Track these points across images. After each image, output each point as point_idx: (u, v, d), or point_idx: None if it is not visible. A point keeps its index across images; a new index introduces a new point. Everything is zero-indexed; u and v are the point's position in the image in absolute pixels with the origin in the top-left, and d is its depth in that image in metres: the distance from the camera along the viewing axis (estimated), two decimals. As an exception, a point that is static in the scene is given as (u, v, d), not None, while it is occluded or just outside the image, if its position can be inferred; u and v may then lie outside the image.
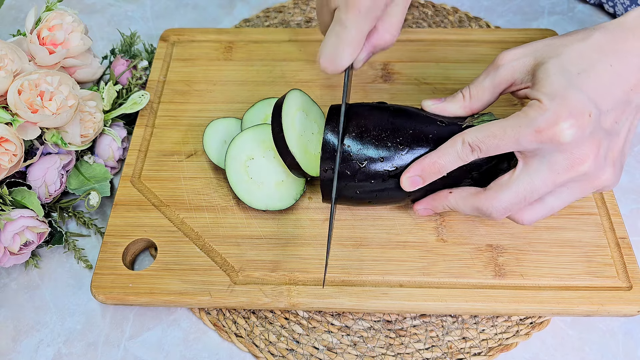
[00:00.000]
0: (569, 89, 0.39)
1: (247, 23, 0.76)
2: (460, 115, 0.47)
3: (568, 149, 0.40)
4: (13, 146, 0.49)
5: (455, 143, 0.43)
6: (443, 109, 0.47)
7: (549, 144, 0.39)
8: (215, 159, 0.55)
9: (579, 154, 0.40)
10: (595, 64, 0.41)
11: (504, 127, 0.41)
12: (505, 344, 0.49)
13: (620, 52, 0.41)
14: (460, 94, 0.47)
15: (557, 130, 0.39)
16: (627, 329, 0.51)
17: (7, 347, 0.50)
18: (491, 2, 0.78)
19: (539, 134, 0.39)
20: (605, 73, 0.40)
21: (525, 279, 0.48)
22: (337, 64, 0.49)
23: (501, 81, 0.44)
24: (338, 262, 0.50)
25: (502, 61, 0.44)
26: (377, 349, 0.49)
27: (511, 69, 0.44)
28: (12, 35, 0.58)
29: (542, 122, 0.39)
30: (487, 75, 0.45)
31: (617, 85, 0.41)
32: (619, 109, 0.41)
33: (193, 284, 0.49)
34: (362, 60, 0.51)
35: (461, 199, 0.45)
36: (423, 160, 0.44)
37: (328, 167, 0.46)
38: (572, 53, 0.41)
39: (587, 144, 0.40)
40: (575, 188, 0.42)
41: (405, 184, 0.45)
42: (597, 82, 0.40)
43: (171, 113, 0.61)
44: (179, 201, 0.54)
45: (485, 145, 0.41)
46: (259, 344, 0.50)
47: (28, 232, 0.51)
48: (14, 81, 0.49)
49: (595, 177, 0.42)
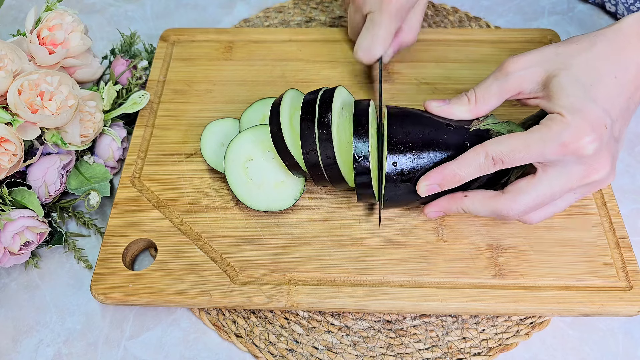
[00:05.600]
0: (586, 102, 0.41)
1: (247, 23, 0.76)
2: (465, 118, 0.47)
3: (588, 161, 0.42)
4: (13, 146, 0.49)
5: (478, 155, 0.43)
6: (449, 111, 0.47)
7: (571, 157, 0.41)
8: (213, 162, 0.55)
9: (597, 165, 0.42)
10: (603, 76, 0.43)
11: (528, 142, 0.42)
12: (506, 344, 0.49)
13: (622, 63, 0.43)
14: (465, 97, 0.47)
15: (581, 145, 0.41)
16: (627, 329, 0.51)
17: (7, 347, 0.50)
18: (491, 2, 0.78)
19: (564, 147, 0.41)
20: (612, 84, 0.43)
21: (526, 279, 0.48)
22: (371, 55, 0.58)
23: (509, 89, 0.45)
24: (338, 262, 0.50)
25: (511, 69, 0.45)
26: (377, 349, 0.49)
27: (520, 78, 0.45)
28: (12, 35, 0.58)
29: (567, 137, 0.41)
30: (496, 80, 0.46)
31: (621, 95, 0.43)
32: (622, 116, 0.44)
33: (193, 284, 0.49)
34: (390, 55, 0.61)
35: (477, 201, 0.46)
36: (444, 170, 0.44)
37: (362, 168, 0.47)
38: (581, 64, 0.43)
39: (603, 153, 0.42)
40: (581, 191, 0.45)
41: (422, 190, 0.45)
42: (606, 93, 0.42)
43: (171, 113, 0.61)
44: (179, 201, 0.54)
45: (509, 159, 0.42)
46: (259, 344, 0.50)
47: (28, 232, 0.51)
48: (14, 81, 0.49)
49: (603, 182, 0.44)
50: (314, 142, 0.48)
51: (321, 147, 0.47)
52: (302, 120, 0.48)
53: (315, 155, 0.48)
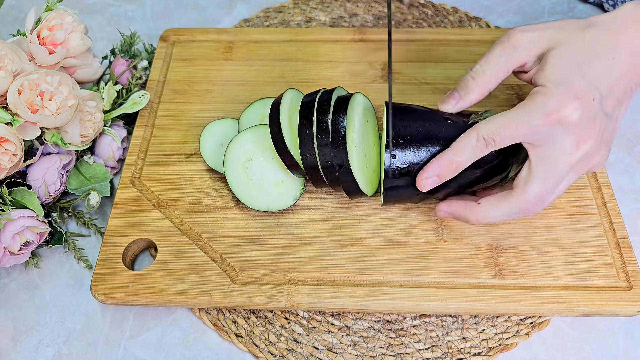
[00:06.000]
0: (573, 76, 0.42)
1: (247, 23, 0.76)
2: (478, 96, 0.46)
3: (575, 131, 0.42)
4: (13, 146, 0.49)
5: (470, 138, 0.43)
6: (464, 104, 0.46)
7: (559, 126, 0.42)
8: (212, 162, 0.55)
9: (584, 135, 0.42)
10: (596, 55, 0.43)
11: (514, 115, 0.42)
12: (505, 344, 0.49)
13: (616, 46, 0.44)
14: (471, 81, 0.46)
15: (565, 113, 0.41)
16: (627, 329, 0.51)
17: (7, 347, 0.50)
18: (491, 2, 0.78)
19: (549, 117, 0.41)
20: (603, 63, 0.43)
21: (525, 279, 0.48)
22: None
23: (517, 62, 0.45)
24: (338, 262, 0.50)
25: (519, 42, 0.45)
26: (377, 349, 0.49)
27: (527, 52, 0.45)
28: (12, 35, 0.58)
29: (550, 106, 0.41)
30: (503, 53, 0.45)
31: (612, 73, 0.44)
32: (614, 96, 0.44)
33: (193, 284, 0.49)
34: None
35: (491, 205, 0.45)
36: (440, 160, 0.44)
37: None
38: (577, 42, 0.44)
39: (591, 124, 0.42)
40: (577, 168, 0.44)
41: (424, 183, 0.45)
42: (596, 70, 0.43)
43: (171, 113, 0.61)
44: (179, 201, 0.54)
45: (499, 137, 0.43)
46: (259, 344, 0.50)
47: (28, 232, 0.51)
48: (14, 81, 0.49)
49: (592, 156, 0.44)
50: (313, 147, 0.48)
51: (320, 152, 0.47)
52: (300, 125, 0.48)
53: (314, 159, 0.48)
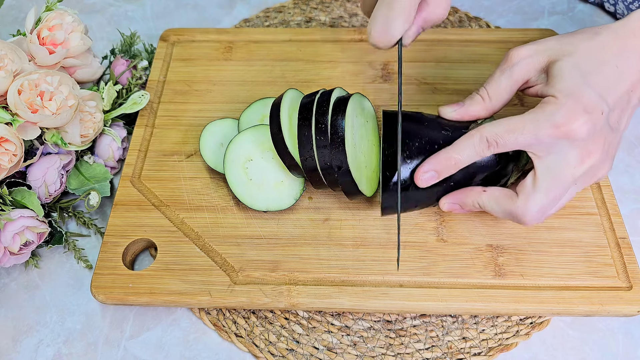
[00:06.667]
0: (581, 87, 0.41)
1: (247, 23, 0.76)
2: (482, 117, 0.47)
3: (581, 144, 0.41)
4: (13, 146, 0.49)
5: (472, 137, 0.43)
6: (465, 112, 0.46)
7: (565, 140, 0.41)
8: (212, 162, 0.55)
9: (591, 148, 0.42)
10: (603, 64, 0.42)
11: (522, 121, 0.42)
12: (505, 344, 0.49)
13: (624, 53, 0.43)
14: (478, 96, 0.46)
15: (573, 127, 0.40)
16: (627, 329, 0.51)
17: (7, 347, 0.50)
18: (491, 2, 0.78)
19: (557, 129, 0.41)
20: (611, 72, 0.42)
21: (525, 279, 0.48)
22: (389, 36, 0.46)
23: (518, 79, 0.45)
24: (338, 262, 0.50)
25: (516, 59, 0.45)
26: (377, 349, 0.49)
27: (526, 66, 0.44)
28: (12, 35, 0.58)
29: (559, 118, 0.40)
30: (503, 73, 0.45)
31: (620, 83, 0.43)
32: (620, 107, 0.43)
33: (193, 284, 0.49)
34: (411, 36, 0.49)
35: (494, 199, 0.45)
36: (438, 155, 0.44)
37: None
38: (583, 52, 0.43)
39: (597, 138, 0.42)
40: (582, 180, 0.44)
41: (422, 178, 0.45)
42: (604, 80, 0.42)
43: (171, 113, 0.61)
44: (179, 201, 0.54)
45: (503, 140, 0.42)
46: (259, 344, 0.50)
47: (28, 232, 0.51)
48: (14, 81, 0.49)
49: (597, 170, 0.43)
50: (312, 149, 0.47)
51: (319, 153, 0.47)
52: (298, 126, 0.48)
53: (313, 161, 0.48)
